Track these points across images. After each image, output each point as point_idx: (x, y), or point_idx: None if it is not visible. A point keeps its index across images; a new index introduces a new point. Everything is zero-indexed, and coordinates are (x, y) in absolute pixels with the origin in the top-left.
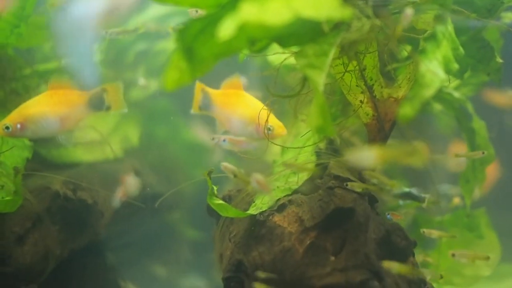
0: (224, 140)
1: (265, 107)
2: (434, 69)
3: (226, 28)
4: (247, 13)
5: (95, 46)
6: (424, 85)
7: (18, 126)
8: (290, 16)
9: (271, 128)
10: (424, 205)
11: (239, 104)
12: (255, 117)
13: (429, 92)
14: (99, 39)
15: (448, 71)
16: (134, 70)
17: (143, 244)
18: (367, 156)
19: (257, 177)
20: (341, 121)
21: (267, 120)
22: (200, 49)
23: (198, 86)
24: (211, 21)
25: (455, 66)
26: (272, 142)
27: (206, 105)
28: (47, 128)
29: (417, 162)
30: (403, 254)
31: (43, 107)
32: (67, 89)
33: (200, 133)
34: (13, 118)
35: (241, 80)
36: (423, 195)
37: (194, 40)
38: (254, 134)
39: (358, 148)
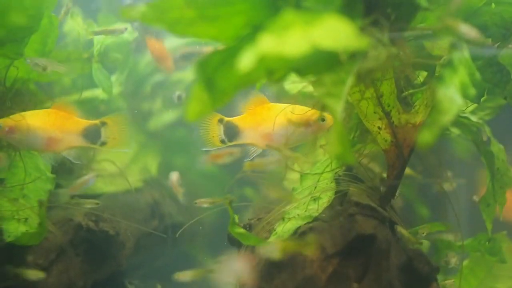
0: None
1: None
2: (452, 95)
3: (246, 61)
4: (266, 45)
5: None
6: (442, 111)
7: (7, 129)
8: (309, 47)
9: (324, 118)
10: None
11: (275, 115)
12: (301, 117)
13: (447, 118)
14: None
15: (465, 96)
16: (151, 101)
17: (164, 274)
18: (272, 249)
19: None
20: (360, 148)
21: (320, 114)
22: (221, 80)
23: (214, 118)
24: (231, 53)
25: (473, 91)
26: (292, 169)
27: (232, 135)
28: (32, 142)
29: (310, 251)
30: (426, 280)
31: (36, 122)
32: (68, 113)
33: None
34: (8, 120)
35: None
36: None
37: (215, 72)
38: (305, 135)
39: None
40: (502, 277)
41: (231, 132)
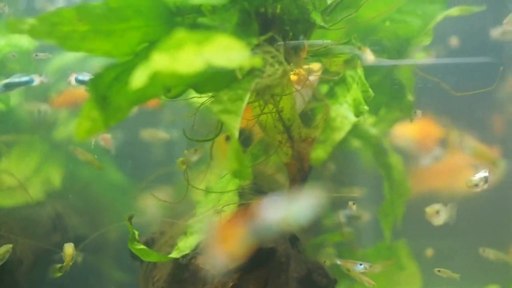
0: None
1: None
2: (345, 113)
3: (139, 77)
4: (159, 62)
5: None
6: (335, 129)
7: None
8: (202, 65)
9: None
10: None
11: None
12: None
13: (339, 135)
14: None
15: (358, 113)
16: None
17: None
18: None
19: None
20: (263, 160)
21: None
22: (115, 97)
23: (219, 141)
24: (125, 69)
25: (365, 108)
26: (193, 186)
27: (246, 140)
28: None
29: None
30: None
31: None
32: None
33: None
34: None
35: None
36: None
37: (108, 88)
38: None
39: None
40: (402, 283)
41: (245, 138)
